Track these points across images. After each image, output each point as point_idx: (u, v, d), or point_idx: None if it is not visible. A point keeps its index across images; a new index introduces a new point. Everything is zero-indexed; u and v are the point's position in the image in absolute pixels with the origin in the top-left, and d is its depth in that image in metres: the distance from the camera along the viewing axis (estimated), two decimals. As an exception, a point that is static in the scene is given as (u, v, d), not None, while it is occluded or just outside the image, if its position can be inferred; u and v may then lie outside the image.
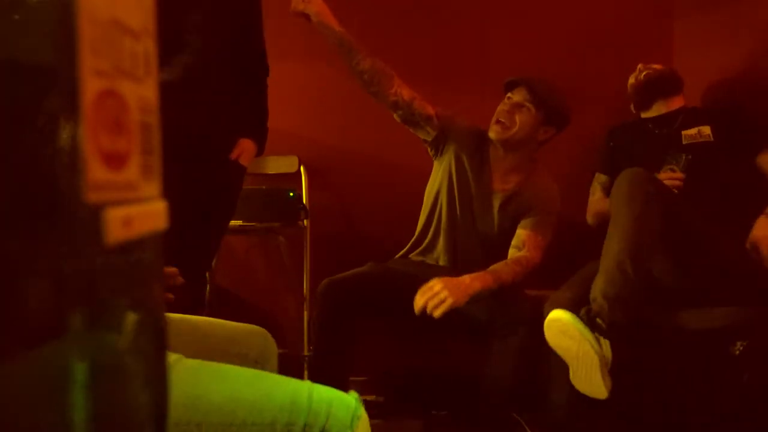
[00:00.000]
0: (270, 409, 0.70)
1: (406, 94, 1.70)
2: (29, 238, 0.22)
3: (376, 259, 1.81)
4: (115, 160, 0.24)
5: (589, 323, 1.31)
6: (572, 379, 1.35)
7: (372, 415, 0.76)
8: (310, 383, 0.76)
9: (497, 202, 1.74)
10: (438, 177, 1.83)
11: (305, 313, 2.19)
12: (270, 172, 2.28)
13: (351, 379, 1.67)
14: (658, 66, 1.91)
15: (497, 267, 1.58)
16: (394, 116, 1.75)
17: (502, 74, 1.79)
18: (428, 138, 1.80)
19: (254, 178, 2.25)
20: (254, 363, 0.98)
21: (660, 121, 1.89)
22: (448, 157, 1.79)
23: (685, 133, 1.81)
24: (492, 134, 1.70)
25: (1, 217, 0.22)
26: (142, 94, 0.26)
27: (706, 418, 1.55)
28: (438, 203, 1.82)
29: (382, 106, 1.74)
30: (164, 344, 0.29)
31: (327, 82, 2.25)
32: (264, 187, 2.15)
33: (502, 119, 1.69)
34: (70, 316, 0.22)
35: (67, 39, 0.21)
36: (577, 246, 1.83)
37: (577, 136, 2.02)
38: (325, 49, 1.73)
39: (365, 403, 0.75)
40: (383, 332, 1.95)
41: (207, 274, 1.77)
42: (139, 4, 0.26)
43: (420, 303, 1.42)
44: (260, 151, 1.65)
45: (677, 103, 1.89)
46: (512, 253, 1.66)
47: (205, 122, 1.45)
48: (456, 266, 1.75)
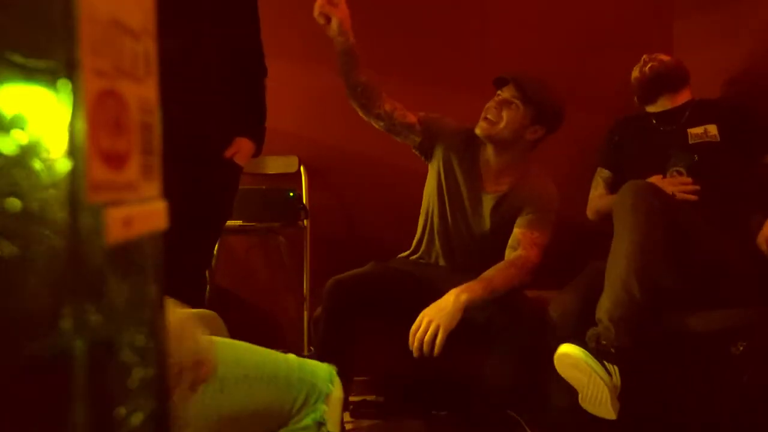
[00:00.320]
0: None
1: (388, 106, 1.70)
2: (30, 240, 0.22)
3: (376, 259, 1.81)
4: (115, 160, 0.24)
5: (597, 349, 1.30)
6: (581, 402, 1.33)
7: (372, 415, 0.77)
8: (294, 356, 0.85)
9: (489, 204, 1.71)
10: (430, 180, 1.82)
11: (305, 313, 2.19)
12: (270, 172, 2.28)
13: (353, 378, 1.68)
14: (664, 57, 1.82)
15: (489, 273, 1.54)
16: (376, 126, 1.74)
17: (501, 73, 1.76)
18: (414, 144, 1.79)
19: (254, 178, 2.25)
20: None
21: (665, 117, 1.82)
22: (437, 161, 1.78)
23: (691, 131, 1.75)
24: (478, 130, 1.67)
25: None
26: (142, 94, 0.26)
27: (707, 418, 1.55)
28: (430, 206, 1.81)
29: None
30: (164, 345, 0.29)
31: (327, 83, 2.25)
32: (264, 187, 2.15)
33: (488, 115, 1.66)
34: (70, 315, 0.22)
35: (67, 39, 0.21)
36: (577, 246, 1.83)
37: (576, 135, 2.02)
38: (325, 49, 1.73)
39: (365, 403, 0.76)
40: (384, 332, 1.95)
41: (207, 274, 1.77)
42: (139, 4, 0.26)
43: (415, 345, 1.40)
44: (258, 152, 1.65)
45: (684, 98, 1.82)
46: (508, 253, 1.63)
47: (201, 122, 1.45)
48: (455, 268, 1.74)
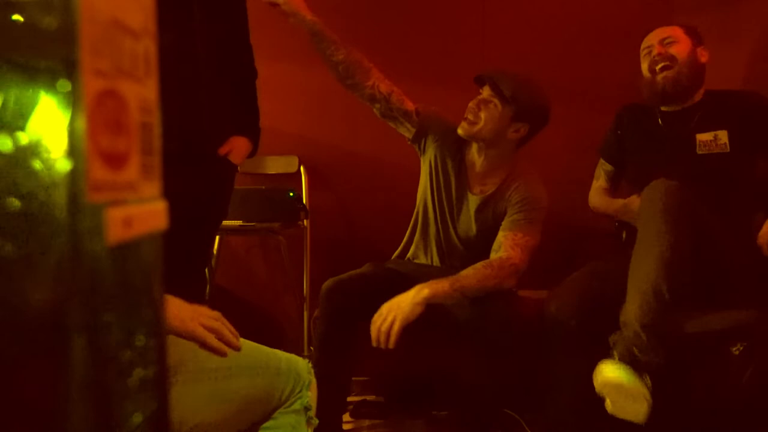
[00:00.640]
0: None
1: (384, 87, 1.66)
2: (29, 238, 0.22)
3: (375, 260, 1.81)
4: (115, 160, 0.24)
5: (631, 360, 1.27)
6: (611, 409, 1.30)
7: (372, 415, 0.76)
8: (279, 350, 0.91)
9: (473, 205, 1.68)
10: (422, 176, 1.80)
11: (305, 313, 2.19)
12: (270, 172, 2.28)
13: (352, 379, 1.67)
14: (677, 54, 1.66)
15: (463, 272, 1.52)
16: (374, 110, 1.71)
17: (479, 72, 1.73)
18: (409, 135, 1.76)
19: (254, 177, 2.25)
20: None
21: (673, 118, 1.71)
22: (429, 156, 1.75)
23: (700, 138, 1.64)
24: (460, 131, 1.65)
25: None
26: (142, 94, 0.26)
27: (707, 418, 1.55)
28: (419, 204, 1.80)
29: None
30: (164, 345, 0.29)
31: (327, 83, 2.24)
32: (264, 187, 2.14)
33: (468, 115, 1.65)
34: (70, 315, 0.22)
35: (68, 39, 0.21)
36: (576, 246, 1.83)
37: (575, 135, 2.03)
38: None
39: (366, 403, 0.76)
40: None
41: (207, 274, 1.77)
42: (139, 4, 0.26)
43: (373, 336, 1.40)
44: (254, 151, 1.64)
45: (696, 97, 1.70)
46: (491, 256, 1.59)
47: (192, 120, 1.45)
48: (450, 269, 1.73)
